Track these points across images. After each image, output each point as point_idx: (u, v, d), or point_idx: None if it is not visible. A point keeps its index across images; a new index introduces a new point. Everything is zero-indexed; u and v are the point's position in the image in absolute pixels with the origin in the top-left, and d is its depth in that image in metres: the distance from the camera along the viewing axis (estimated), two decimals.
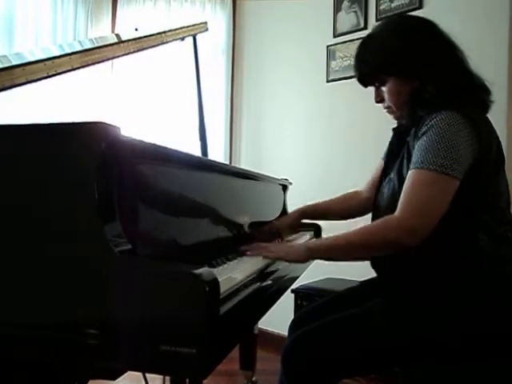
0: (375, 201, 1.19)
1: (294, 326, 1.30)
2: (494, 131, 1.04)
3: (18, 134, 0.76)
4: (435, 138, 0.95)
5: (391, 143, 1.23)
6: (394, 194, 1.06)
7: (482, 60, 1.11)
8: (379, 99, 1.15)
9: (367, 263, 1.18)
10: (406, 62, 1.07)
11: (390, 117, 1.24)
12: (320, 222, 1.82)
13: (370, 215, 1.23)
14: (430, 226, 0.94)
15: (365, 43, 1.15)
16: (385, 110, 1.18)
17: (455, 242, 1.01)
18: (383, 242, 0.98)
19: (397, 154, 1.13)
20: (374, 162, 1.43)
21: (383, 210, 1.10)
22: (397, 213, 0.96)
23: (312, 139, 2.75)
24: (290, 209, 1.92)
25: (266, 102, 3.04)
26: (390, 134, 1.23)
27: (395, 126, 1.22)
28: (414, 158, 0.98)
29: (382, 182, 1.17)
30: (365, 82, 1.17)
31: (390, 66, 1.09)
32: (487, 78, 1.08)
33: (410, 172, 0.98)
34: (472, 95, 1.05)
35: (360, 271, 1.22)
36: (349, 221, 1.48)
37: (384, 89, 1.12)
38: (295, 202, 1.97)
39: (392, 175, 1.11)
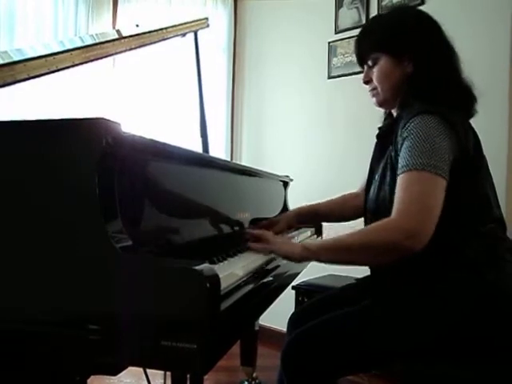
0: (365, 204, 1.20)
1: (292, 324, 1.30)
2: (472, 132, 1.05)
3: (17, 131, 0.76)
4: (417, 140, 0.96)
5: (375, 149, 1.23)
6: (377, 197, 1.08)
7: (483, 57, 1.11)
8: (367, 79, 1.17)
9: None
10: (403, 41, 1.10)
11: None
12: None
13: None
14: (429, 225, 0.92)
15: (373, 18, 1.22)
16: (369, 93, 1.19)
17: (440, 241, 0.98)
18: (383, 245, 0.94)
19: (380, 158, 1.14)
20: None
21: (370, 213, 1.12)
22: (393, 215, 0.94)
23: (313, 136, 2.74)
24: (291, 205, 1.92)
25: (267, 99, 3.03)
26: None
27: (379, 128, 1.22)
28: (400, 163, 0.98)
29: (369, 186, 1.18)
30: (361, 59, 1.19)
31: (388, 41, 1.11)
32: (488, 75, 1.09)
33: (398, 178, 0.98)
34: (456, 99, 1.06)
35: (361, 269, 1.22)
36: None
37: (375, 69, 1.14)
38: (296, 198, 1.98)
39: (376, 177, 1.13)
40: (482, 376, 0.95)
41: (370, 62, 1.15)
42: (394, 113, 1.18)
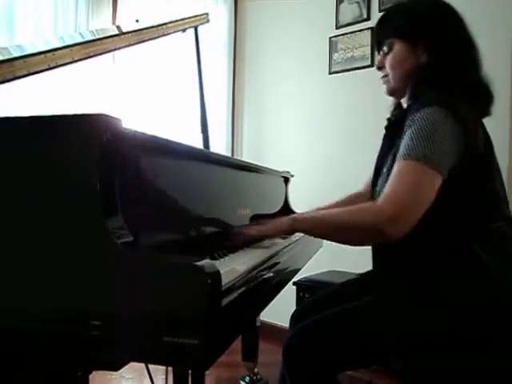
0: (372, 197, 1.19)
1: (294, 320, 1.31)
2: (484, 131, 1.03)
3: (16, 127, 0.76)
4: (418, 131, 0.96)
5: (383, 140, 1.22)
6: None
7: (483, 57, 1.10)
8: (381, 65, 1.17)
9: (368, 257, 1.18)
10: (418, 28, 1.09)
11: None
12: None
13: None
14: (412, 216, 0.92)
15: (393, 5, 1.20)
16: (381, 81, 1.18)
17: (446, 238, 1.00)
18: (361, 225, 0.97)
19: (388, 149, 1.13)
20: (375, 155, 1.41)
21: None
22: (380, 199, 0.96)
23: (314, 131, 2.74)
24: (292, 201, 1.92)
25: (268, 95, 3.02)
26: None
27: (388, 119, 1.21)
28: (400, 150, 0.99)
29: (376, 178, 1.18)
30: (378, 44, 1.18)
31: (403, 27, 1.11)
32: (491, 68, 1.07)
33: (396, 163, 0.98)
34: (471, 95, 1.04)
35: (362, 264, 1.22)
36: None
37: (389, 55, 1.13)
38: (297, 194, 1.98)
39: (385, 170, 1.12)
40: (483, 374, 0.95)
41: (385, 48, 1.14)
42: (404, 104, 1.17)
